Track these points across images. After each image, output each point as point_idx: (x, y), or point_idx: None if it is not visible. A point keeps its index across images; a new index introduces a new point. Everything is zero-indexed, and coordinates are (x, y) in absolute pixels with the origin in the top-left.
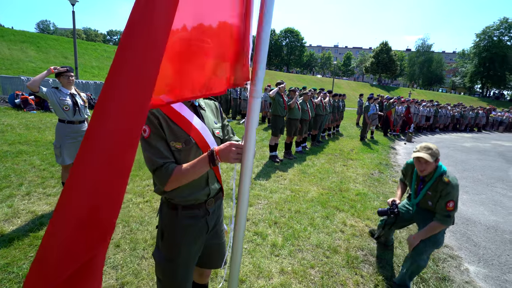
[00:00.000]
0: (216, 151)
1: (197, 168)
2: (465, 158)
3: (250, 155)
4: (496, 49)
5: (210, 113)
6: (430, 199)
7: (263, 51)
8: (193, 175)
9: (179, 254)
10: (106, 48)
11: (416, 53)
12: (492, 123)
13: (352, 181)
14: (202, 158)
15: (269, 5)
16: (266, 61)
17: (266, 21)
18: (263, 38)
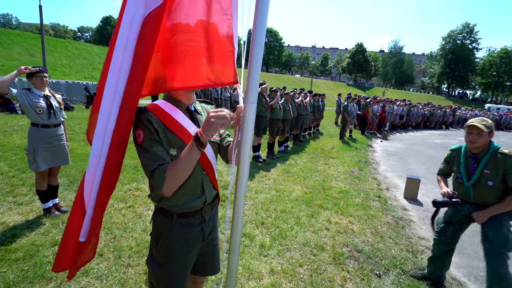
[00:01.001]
0: (199, 130)
1: (187, 157)
2: (436, 154)
3: (246, 161)
4: (460, 52)
5: (205, 115)
6: (489, 178)
7: (257, 56)
8: (186, 166)
9: (174, 263)
10: (77, 46)
11: (389, 54)
12: (457, 120)
13: (334, 179)
14: (189, 145)
15: (263, 10)
16: (260, 66)
17: (260, 26)
18: (257, 44)
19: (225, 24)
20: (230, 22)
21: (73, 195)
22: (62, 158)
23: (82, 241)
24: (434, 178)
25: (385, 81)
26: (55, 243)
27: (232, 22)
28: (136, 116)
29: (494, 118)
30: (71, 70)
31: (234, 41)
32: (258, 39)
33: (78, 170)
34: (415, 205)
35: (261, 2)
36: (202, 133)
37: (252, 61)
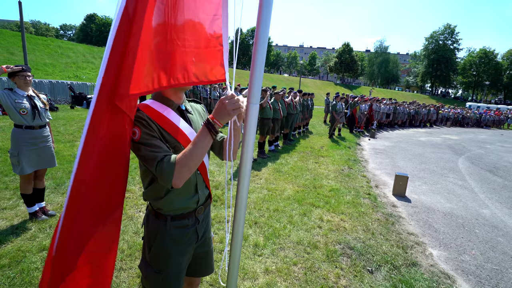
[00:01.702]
0: (210, 117)
1: (200, 144)
2: (422, 152)
3: (248, 163)
4: (442, 52)
5: (198, 116)
6: None
7: (260, 56)
8: (199, 153)
9: (169, 267)
10: (61, 44)
11: (375, 54)
12: (441, 119)
13: (325, 178)
14: (201, 131)
15: (266, 10)
16: (263, 66)
17: (263, 27)
18: (260, 44)
19: (214, 23)
20: (219, 22)
21: (60, 198)
22: (48, 160)
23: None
24: (421, 175)
25: (372, 80)
26: (42, 248)
27: (221, 21)
28: None
29: (474, 116)
30: (54, 69)
31: (223, 40)
32: (261, 40)
33: (65, 172)
34: (403, 202)
35: (264, 2)
36: (215, 119)
37: (255, 61)
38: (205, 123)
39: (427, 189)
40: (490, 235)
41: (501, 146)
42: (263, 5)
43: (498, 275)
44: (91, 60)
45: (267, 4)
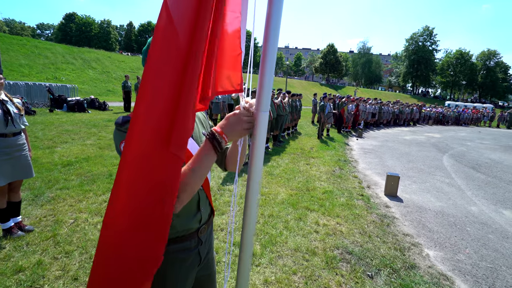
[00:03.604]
0: (218, 131)
1: (202, 163)
2: (408, 150)
3: (257, 175)
4: (421, 53)
5: (198, 123)
6: None
7: (270, 61)
8: (200, 175)
9: None
10: (38, 44)
11: (358, 55)
12: (423, 117)
13: (317, 180)
14: (203, 148)
15: (276, 13)
16: (273, 72)
17: (273, 30)
18: (270, 48)
19: (234, 23)
20: (238, 21)
21: (39, 210)
22: (24, 170)
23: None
24: (410, 174)
25: (356, 81)
26: (18, 270)
27: (240, 21)
28: (120, 126)
29: (454, 114)
30: (31, 70)
31: (242, 43)
32: (271, 44)
33: (44, 182)
34: (396, 202)
35: (274, 4)
36: (222, 135)
37: (265, 67)
38: (209, 137)
39: (417, 188)
40: (481, 233)
41: (480, 143)
42: (272, 8)
43: (493, 273)
44: (71, 61)
45: (276, 6)
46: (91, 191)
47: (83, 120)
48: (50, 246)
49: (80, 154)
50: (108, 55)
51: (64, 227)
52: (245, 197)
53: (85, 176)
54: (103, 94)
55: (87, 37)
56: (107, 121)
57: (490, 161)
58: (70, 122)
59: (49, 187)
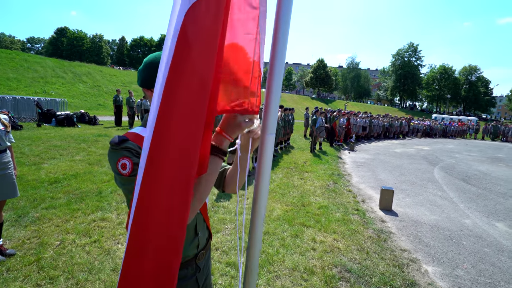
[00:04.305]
0: (218, 130)
1: (208, 171)
2: (399, 163)
3: (263, 198)
4: (407, 68)
5: None
6: None
7: (277, 80)
8: (207, 182)
9: None
10: (27, 58)
11: (347, 70)
12: (412, 130)
13: (312, 194)
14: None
15: (283, 30)
16: (280, 91)
17: (280, 48)
18: (277, 67)
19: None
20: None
21: (22, 232)
22: (8, 190)
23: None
24: (403, 187)
25: (346, 94)
26: None
27: (259, 43)
28: (117, 145)
29: (441, 127)
30: (19, 84)
31: (260, 64)
32: (278, 62)
33: (29, 201)
34: (391, 216)
35: (281, 22)
36: (224, 133)
37: (271, 86)
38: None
39: (411, 202)
40: (477, 246)
41: (468, 155)
42: (279, 27)
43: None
44: (62, 74)
45: (283, 25)
46: (80, 210)
47: (72, 135)
48: (33, 272)
49: (68, 170)
50: (100, 69)
51: (49, 249)
52: (250, 220)
53: (73, 194)
54: (94, 108)
55: (79, 51)
56: (97, 136)
57: (479, 173)
58: (58, 137)
59: (34, 206)
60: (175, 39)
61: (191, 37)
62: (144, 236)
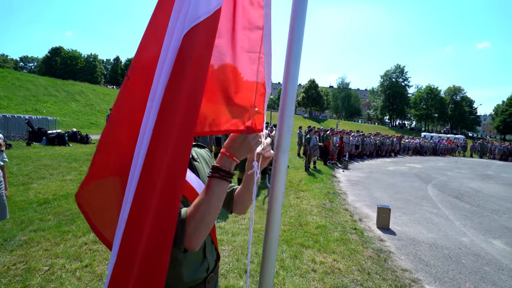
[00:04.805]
0: (224, 152)
1: (216, 190)
2: (393, 181)
3: (277, 220)
4: (395, 88)
5: (203, 163)
6: None
7: (290, 100)
8: (216, 202)
9: None
10: (20, 76)
11: (338, 90)
12: (403, 148)
13: (309, 214)
14: (211, 181)
15: (296, 49)
16: (293, 110)
17: (294, 67)
18: (291, 86)
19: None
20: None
21: (7, 257)
22: None
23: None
24: (399, 205)
25: (337, 114)
26: None
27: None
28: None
29: (431, 145)
30: (9, 102)
31: (266, 83)
32: (291, 82)
33: (16, 223)
34: (389, 235)
35: (294, 41)
36: (230, 155)
37: (285, 105)
38: (213, 168)
39: (407, 220)
40: (476, 265)
41: (459, 173)
42: (292, 48)
43: None
44: (54, 93)
45: (296, 45)
46: (70, 232)
47: (63, 154)
48: None
49: (58, 190)
50: (93, 88)
51: (36, 276)
52: (263, 242)
53: (63, 216)
54: (86, 126)
55: (72, 70)
56: (89, 154)
57: (471, 190)
58: (48, 156)
59: (21, 229)
60: (173, 57)
61: (188, 58)
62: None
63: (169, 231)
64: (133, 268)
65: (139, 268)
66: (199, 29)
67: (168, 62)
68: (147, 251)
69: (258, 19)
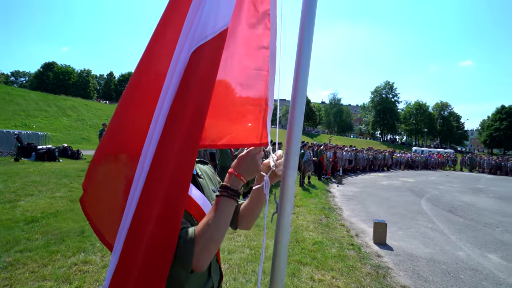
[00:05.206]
0: (234, 172)
1: (224, 209)
2: (388, 195)
3: (285, 238)
4: (385, 104)
5: (207, 180)
6: None
7: (298, 118)
8: (224, 222)
9: None
10: (10, 91)
11: (330, 105)
12: (395, 163)
13: (305, 230)
14: (219, 200)
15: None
16: (302, 126)
17: (302, 84)
18: (299, 102)
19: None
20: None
21: None
22: None
23: None
24: (394, 220)
25: (329, 129)
26: None
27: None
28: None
29: (422, 159)
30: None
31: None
32: (299, 100)
33: (1, 243)
34: (386, 250)
35: (303, 57)
36: (238, 175)
37: (293, 123)
38: (221, 188)
39: (403, 235)
40: (474, 280)
41: (451, 187)
42: (300, 63)
43: None
44: (45, 108)
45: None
46: (59, 252)
47: (53, 170)
48: None
49: (47, 208)
50: (85, 103)
51: None
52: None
53: (52, 235)
54: (77, 142)
55: (65, 85)
56: (81, 170)
57: (464, 204)
58: (37, 172)
59: (6, 249)
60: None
61: (194, 75)
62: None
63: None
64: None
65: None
66: (205, 48)
67: (175, 78)
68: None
69: (264, 38)
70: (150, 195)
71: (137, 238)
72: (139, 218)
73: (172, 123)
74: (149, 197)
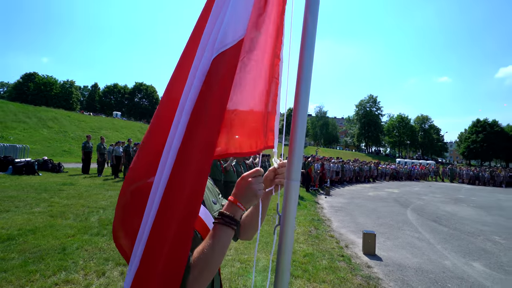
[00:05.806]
0: (233, 200)
1: (219, 241)
2: (375, 206)
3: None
4: (370, 117)
5: (208, 192)
6: None
7: (301, 129)
8: (220, 252)
9: None
10: None
11: (316, 118)
12: (381, 174)
13: (296, 241)
14: (215, 227)
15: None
16: (304, 137)
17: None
18: (301, 113)
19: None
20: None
21: None
22: None
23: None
24: (382, 230)
25: (316, 141)
26: None
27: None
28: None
29: (406, 171)
30: None
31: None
32: (301, 111)
33: None
34: (376, 261)
35: (305, 67)
36: (238, 203)
37: (295, 132)
38: (219, 216)
39: (391, 245)
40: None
41: (434, 197)
42: (302, 76)
43: None
44: (24, 119)
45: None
46: (38, 271)
47: (31, 184)
48: None
49: (25, 224)
50: (68, 114)
51: None
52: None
53: (30, 253)
54: (58, 154)
55: (46, 96)
56: (62, 184)
57: (447, 214)
58: (14, 187)
59: None
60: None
61: (215, 77)
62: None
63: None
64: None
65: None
66: (225, 55)
67: (196, 81)
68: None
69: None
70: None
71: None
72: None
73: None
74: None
